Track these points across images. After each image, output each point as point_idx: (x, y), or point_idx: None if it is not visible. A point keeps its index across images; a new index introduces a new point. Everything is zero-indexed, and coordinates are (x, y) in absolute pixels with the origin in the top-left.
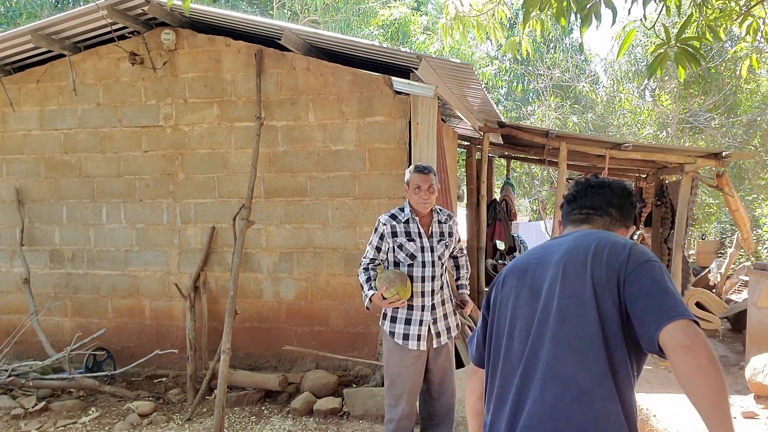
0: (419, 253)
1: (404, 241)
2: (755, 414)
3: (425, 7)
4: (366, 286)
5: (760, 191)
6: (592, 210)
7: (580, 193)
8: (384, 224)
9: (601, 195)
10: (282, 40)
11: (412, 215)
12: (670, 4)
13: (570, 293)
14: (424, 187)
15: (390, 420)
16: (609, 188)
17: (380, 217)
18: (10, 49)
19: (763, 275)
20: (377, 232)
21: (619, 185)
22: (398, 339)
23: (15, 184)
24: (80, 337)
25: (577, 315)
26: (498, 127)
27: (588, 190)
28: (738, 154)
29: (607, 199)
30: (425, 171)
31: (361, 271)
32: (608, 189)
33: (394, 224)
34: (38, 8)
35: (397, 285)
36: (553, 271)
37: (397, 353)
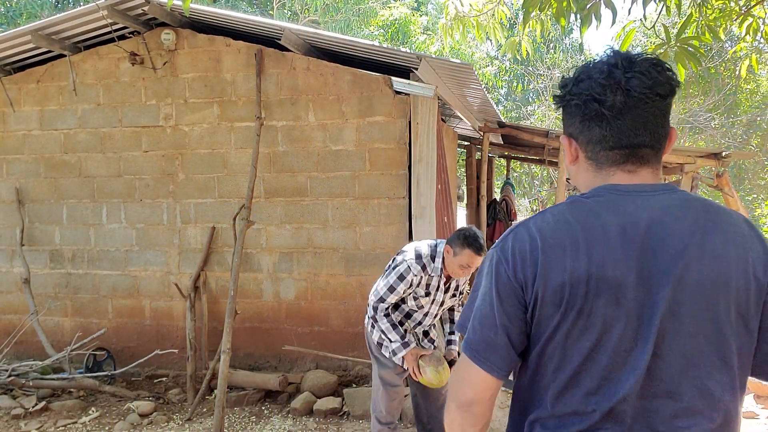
0: (429, 305)
1: (421, 294)
2: (755, 414)
3: (425, 7)
4: (395, 334)
5: (760, 191)
6: (651, 146)
7: (622, 103)
8: (415, 275)
9: (657, 107)
10: (282, 40)
11: (442, 273)
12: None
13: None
14: (471, 268)
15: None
16: (659, 88)
17: (411, 265)
18: (10, 49)
19: None
20: (405, 280)
21: (666, 74)
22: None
23: (15, 184)
24: (80, 337)
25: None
26: (498, 127)
27: (633, 101)
28: (738, 154)
29: (664, 117)
30: (481, 253)
31: (382, 316)
32: (659, 93)
33: (422, 276)
34: (38, 8)
35: (442, 369)
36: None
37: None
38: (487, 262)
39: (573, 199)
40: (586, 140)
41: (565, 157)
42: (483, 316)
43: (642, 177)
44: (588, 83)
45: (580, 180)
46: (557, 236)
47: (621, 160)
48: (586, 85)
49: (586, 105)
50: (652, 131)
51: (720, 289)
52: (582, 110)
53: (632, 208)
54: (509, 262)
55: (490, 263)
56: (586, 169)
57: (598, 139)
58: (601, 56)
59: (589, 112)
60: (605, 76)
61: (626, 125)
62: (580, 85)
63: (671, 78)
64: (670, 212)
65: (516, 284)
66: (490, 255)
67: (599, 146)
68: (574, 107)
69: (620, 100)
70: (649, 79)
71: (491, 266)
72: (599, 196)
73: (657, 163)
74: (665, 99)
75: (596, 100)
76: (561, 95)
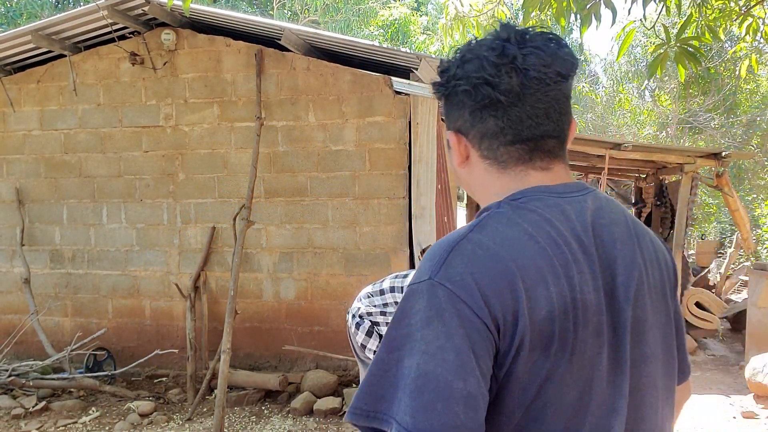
0: None
1: None
2: (755, 414)
3: (425, 7)
4: None
5: (760, 191)
6: (556, 137)
7: (520, 86)
8: None
9: (559, 90)
10: (282, 41)
11: None
12: (670, 4)
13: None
14: None
15: None
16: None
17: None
18: (10, 49)
19: (763, 275)
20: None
21: (565, 50)
22: None
23: (15, 184)
24: (80, 337)
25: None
26: None
27: (532, 82)
28: (737, 154)
29: (567, 102)
30: None
31: None
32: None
33: None
34: (38, 8)
35: None
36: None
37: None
38: (421, 299)
39: (514, 206)
40: (479, 135)
41: (452, 158)
42: (438, 384)
43: (558, 174)
44: (477, 63)
45: (478, 185)
46: (527, 254)
47: (526, 156)
48: (475, 66)
49: (477, 90)
50: (555, 119)
51: (662, 299)
52: (472, 97)
53: (575, 215)
54: (472, 295)
55: (434, 301)
56: (485, 171)
57: (494, 133)
58: (489, 32)
59: (480, 99)
60: (498, 53)
61: (526, 113)
62: (467, 67)
63: (572, 54)
64: (605, 216)
65: (490, 327)
66: (425, 290)
67: (496, 141)
68: (462, 94)
69: (517, 82)
70: (548, 55)
71: (439, 306)
72: (538, 200)
73: (565, 156)
74: (567, 79)
75: (489, 83)
76: (443, 81)
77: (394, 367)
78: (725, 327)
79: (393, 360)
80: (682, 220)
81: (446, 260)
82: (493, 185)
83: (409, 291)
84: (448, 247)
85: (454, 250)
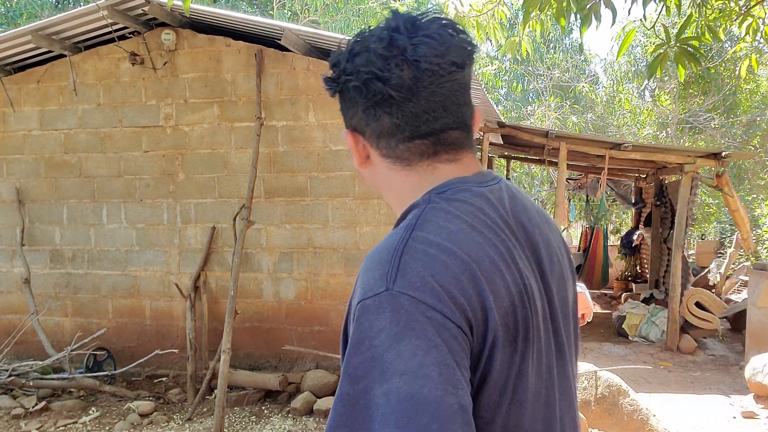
0: None
1: None
2: (755, 414)
3: (425, 8)
4: None
5: (760, 191)
6: (458, 128)
7: (412, 80)
8: None
9: (456, 81)
10: (282, 41)
11: None
12: (670, 4)
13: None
14: None
15: None
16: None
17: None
18: (10, 49)
19: (763, 275)
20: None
21: (461, 36)
22: None
23: (15, 184)
24: (80, 336)
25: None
26: (498, 127)
27: (425, 75)
28: (737, 154)
29: (466, 92)
30: None
31: None
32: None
33: None
34: (39, 8)
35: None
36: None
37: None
38: (383, 315)
39: (445, 198)
40: (375, 134)
41: (353, 158)
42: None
43: (469, 165)
44: (366, 57)
45: (386, 184)
46: (477, 245)
47: (430, 150)
48: (364, 60)
49: (367, 86)
50: (453, 111)
51: (571, 281)
52: (363, 94)
53: (497, 202)
54: (440, 299)
55: (400, 314)
56: (389, 169)
57: (391, 130)
58: (381, 21)
59: (371, 95)
60: (386, 45)
61: (421, 107)
62: (356, 61)
63: (468, 41)
64: (519, 202)
65: (465, 330)
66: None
67: (394, 139)
68: (353, 91)
69: (409, 75)
70: (440, 44)
71: (407, 318)
72: (465, 190)
73: (473, 145)
74: (463, 68)
75: (378, 78)
76: (334, 77)
77: (362, 398)
78: (725, 327)
79: (359, 391)
80: (682, 220)
81: (399, 266)
82: (403, 183)
83: (363, 308)
84: (395, 251)
85: (404, 253)
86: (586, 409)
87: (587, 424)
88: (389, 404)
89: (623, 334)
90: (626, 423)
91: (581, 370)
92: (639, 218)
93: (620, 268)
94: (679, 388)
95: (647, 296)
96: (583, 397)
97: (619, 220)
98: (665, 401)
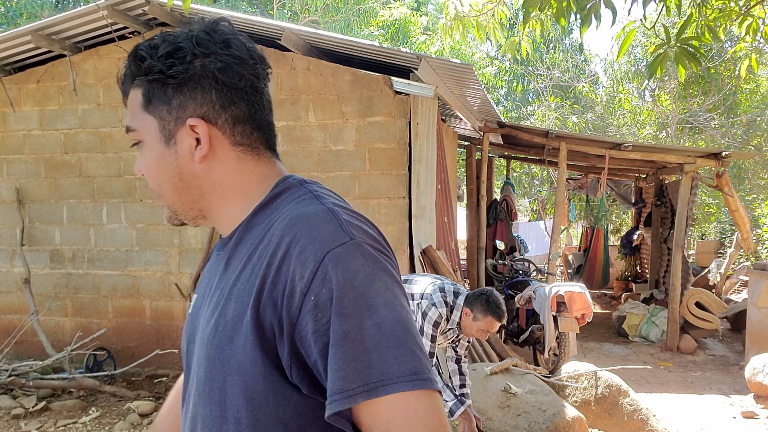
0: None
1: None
2: (755, 414)
3: (425, 8)
4: (448, 392)
5: (760, 191)
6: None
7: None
8: (446, 320)
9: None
10: (282, 41)
11: (458, 332)
12: (670, 4)
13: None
14: (489, 332)
15: None
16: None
17: (440, 311)
18: (10, 49)
19: (763, 275)
20: (438, 327)
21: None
22: None
23: (15, 184)
24: (80, 336)
25: None
26: (498, 127)
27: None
28: (738, 154)
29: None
30: (502, 319)
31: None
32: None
33: (444, 325)
34: (38, 8)
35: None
36: None
37: None
38: (356, 259)
39: (317, 194)
40: (232, 119)
41: (194, 155)
42: (411, 327)
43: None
44: (227, 42)
45: (228, 177)
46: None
47: (268, 142)
48: (219, 39)
49: (230, 69)
50: (270, 110)
51: None
52: (223, 78)
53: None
54: (386, 247)
55: (369, 257)
56: (238, 159)
57: (246, 117)
58: (198, 23)
59: (232, 79)
60: (234, 36)
61: (264, 98)
62: (214, 47)
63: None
64: None
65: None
66: (354, 249)
67: (249, 126)
68: (213, 74)
69: (262, 67)
70: (248, 48)
71: (375, 261)
72: (321, 188)
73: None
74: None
75: (240, 63)
76: (178, 61)
77: (357, 332)
78: (725, 327)
79: (354, 327)
80: (682, 220)
81: (342, 223)
82: (252, 173)
83: (336, 256)
84: (326, 215)
85: (335, 214)
86: (586, 409)
87: (587, 424)
88: (383, 332)
89: (623, 334)
90: (626, 423)
91: (581, 370)
92: (639, 218)
93: (620, 268)
94: (679, 388)
95: (647, 296)
96: (583, 397)
97: (619, 220)
98: (665, 401)
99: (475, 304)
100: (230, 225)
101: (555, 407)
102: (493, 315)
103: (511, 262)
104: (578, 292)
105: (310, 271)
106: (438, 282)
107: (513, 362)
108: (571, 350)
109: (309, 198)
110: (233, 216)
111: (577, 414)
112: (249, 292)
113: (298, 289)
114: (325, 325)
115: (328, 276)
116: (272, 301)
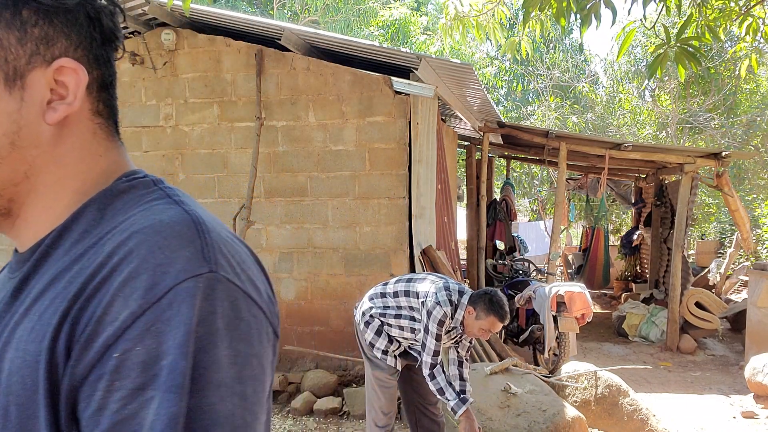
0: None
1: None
2: (755, 414)
3: (425, 8)
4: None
5: (760, 191)
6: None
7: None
8: (450, 319)
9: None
10: (282, 41)
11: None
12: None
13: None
14: (492, 332)
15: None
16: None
17: (445, 309)
18: None
19: (763, 275)
20: (443, 325)
21: None
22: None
23: None
24: None
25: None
26: (498, 127)
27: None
28: (738, 154)
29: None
30: (504, 320)
31: (439, 371)
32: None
33: (449, 323)
34: None
35: None
36: None
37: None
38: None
39: (177, 198)
40: (100, 80)
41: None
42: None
43: None
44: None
45: (72, 155)
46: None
47: (117, 125)
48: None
49: (115, 19)
50: None
51: None
52: (100, 23)
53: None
54: (258, 290)
55: (224, 305)
56: (93, 135)
57: (111, 84)
58: None
59: (114, 31)
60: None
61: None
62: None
63: None
64: None
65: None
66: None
67: (110, 95)
68: (85, 17)
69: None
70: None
71: (236, 310)
72: (182, 192)
73: None
74: None
75: (123, 18)
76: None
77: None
78: (725, 327)
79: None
80: (682, 220)
81: (205, 245)
82: (101, 158)
83: (178, 296)
84: (186, 229)
85: (199, 228)
86: (586, 409)
87: (587, 424)
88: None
89: (623, 334)
90: (626, 423)
91: (581, 369)
92: (639, 218)
93: (620, 268)
94: (679, 388)
95: (647, 296)
96: (583, 397)
97: (619, 220)
98: (665, 401)
99: (478, 303)
100: (39, 232)
101: (555, 407)
102: (495, 315)
103: (511, 262)
104: (578, 292)
105: (132, 313)
106: (443, 281)
107: (513, 362)
108: (571, 350)
109: (165, 202)
110: (51, 217)
111: (577, 414)
112: (40, 335)
113: (102, 336)
114: (120, 403)
115: (156, 327)
116: (66, 351)
